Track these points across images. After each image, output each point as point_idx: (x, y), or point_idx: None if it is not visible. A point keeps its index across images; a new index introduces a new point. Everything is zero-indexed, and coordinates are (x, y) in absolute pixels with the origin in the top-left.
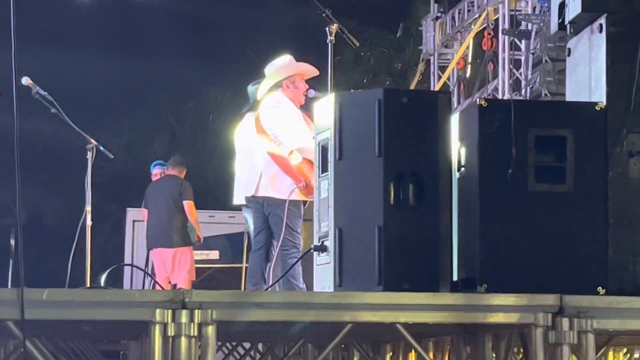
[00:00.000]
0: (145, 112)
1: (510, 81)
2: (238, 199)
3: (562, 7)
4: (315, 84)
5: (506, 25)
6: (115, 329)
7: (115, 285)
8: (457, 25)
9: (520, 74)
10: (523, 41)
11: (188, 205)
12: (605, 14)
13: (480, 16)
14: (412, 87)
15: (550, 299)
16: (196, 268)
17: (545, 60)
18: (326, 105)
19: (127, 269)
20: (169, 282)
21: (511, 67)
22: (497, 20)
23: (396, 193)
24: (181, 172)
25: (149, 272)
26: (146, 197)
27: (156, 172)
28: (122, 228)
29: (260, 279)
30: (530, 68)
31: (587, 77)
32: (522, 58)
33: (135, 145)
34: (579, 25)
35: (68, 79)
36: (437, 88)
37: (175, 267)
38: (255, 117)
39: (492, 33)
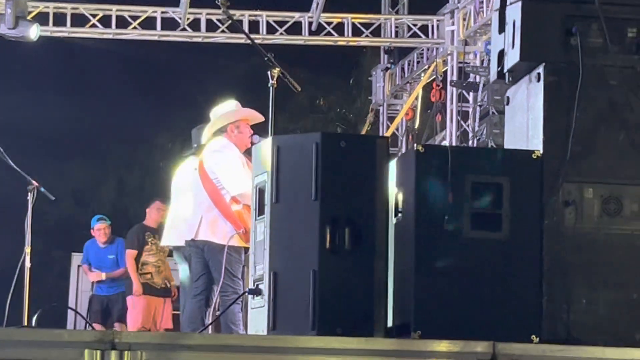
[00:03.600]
0: (93, 157)
1: (457, 133)
2: (167, 239)
3: (501, 55)
4: (263, 130)
5: (454, 77)
6: None
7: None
8: (406, 76)
9: (468, 125)
10: (471, 93)
11: (126, 254)
12: (544, 63)
13: (429, 68)
14: None
15: (483, 346)
16: None
17: (492, 113)
18: (264, 148)
19: (70, 314)
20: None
21: (459, 118)
22: (445, 72)
23: (332, 237)
24: (149, 216)
25: (89, 316)
26: None
27: (99, 226)
28: (68, 273)
29: (200, 325)
30: (477, 120)
31: (524, 125)
32: (470, 110)
33: (82, 191)
34: (517, 73)
35: (14, 121)
36: None
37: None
38: (198, 161)
39: (440, 85)
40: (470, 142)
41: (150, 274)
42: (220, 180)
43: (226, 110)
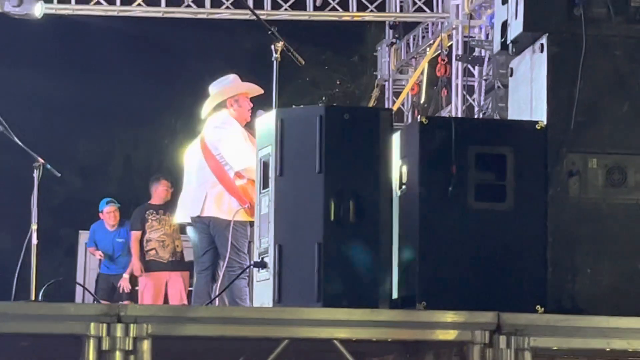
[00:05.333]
0: (99, 134)
1: (463, 107)
2: (181, 216)
3: (504, 26)
4: (268, 105)
5: (460, 52)
6: (55, 346)
7: None
8: (411, 51)
9: (474, 99)
10: (476, 67)
11: (131, 236)
12: (547, 34)
13: (434, 42)
14: None
15: (488, 317)
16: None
17: (498, 87)
18: (268, 121)
19: (78, 292)
20: None
21: (464, 93)
22: (451, 46)
23: (336, 210)
24: (153, 194)
25: (97, 295)
26: None
27: (109, 209)
28: (75, 251)
29: (207, 300)
30: (482, 94)
31: (528, 96)
32: (475, 84)
33: (89, 169)
34: (520, 44)
35: (19, 99)
36: None
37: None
38: (200, 136)
39: (445, 59)
40: (476, 117)
41: (154, 249)
42: (223, 156)
43: (224, 84)
